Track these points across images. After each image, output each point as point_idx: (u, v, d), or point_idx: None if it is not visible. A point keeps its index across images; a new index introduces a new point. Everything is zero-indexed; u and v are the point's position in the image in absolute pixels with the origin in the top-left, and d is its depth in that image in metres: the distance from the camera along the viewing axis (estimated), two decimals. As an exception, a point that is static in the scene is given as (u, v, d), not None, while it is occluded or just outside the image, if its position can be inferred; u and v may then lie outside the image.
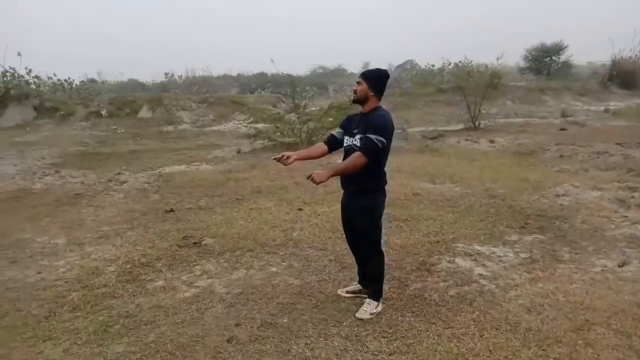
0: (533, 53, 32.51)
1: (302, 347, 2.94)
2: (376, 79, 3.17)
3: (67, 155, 11.85)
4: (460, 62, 27.98)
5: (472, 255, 4.29)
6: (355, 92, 3.20)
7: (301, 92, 20.32)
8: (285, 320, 3.26)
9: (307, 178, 2.98)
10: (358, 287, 3.62)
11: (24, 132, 16.89)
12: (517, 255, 4.26)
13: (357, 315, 3.29)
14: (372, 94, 3.14)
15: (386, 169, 3.31)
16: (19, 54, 19.65)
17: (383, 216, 3.37)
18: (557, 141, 10.89)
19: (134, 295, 3.68)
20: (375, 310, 3.31)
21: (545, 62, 32.67)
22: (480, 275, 3.87)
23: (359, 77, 3.23)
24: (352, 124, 3.24)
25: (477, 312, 3.26)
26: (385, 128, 3.07)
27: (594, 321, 3.04)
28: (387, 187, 3.30)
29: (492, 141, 11.55)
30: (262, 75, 41.43)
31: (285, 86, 18.17)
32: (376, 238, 3.30)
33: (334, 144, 3.34)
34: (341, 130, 3.34)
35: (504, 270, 3.94)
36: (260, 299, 3.59)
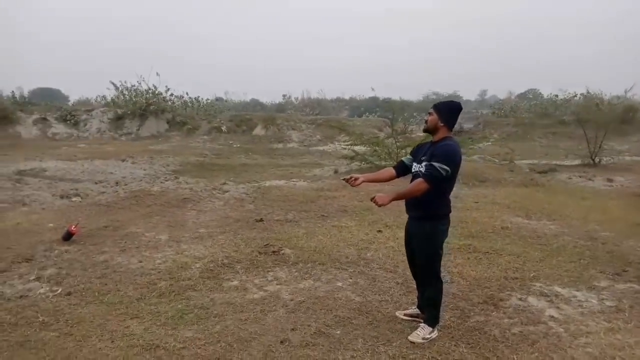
0: (681, 85, 28.66)
1: (348, 358, 3.06)
2: (447, 111, 3.26)
3: (187, 164, 13.29)
4: (588, 92, 25.72)
5: (548, 296, 4.03)
6: (426, 122, 3.32)
7: (408, 118, 20.42)
8: (338, 332, 3.41)
9: (371, 200, 3.15)
10: (417, 311, 3.63)
11: (157, 141, 19.28)
12: (601, 302, 3.90)
13: (409, 337, 3.32)
14: (442, 124, 3.22)
15: (452, 197, 3.33)
16: (157, 74, 22.58)
17: (445, 243, 3.39)
18: (692, 185, 9.57)
19: (210, 291, 4.10)
20: (428, 336, 3.31)
21: (696, 95, 28.53)
22: (551, 317, 3.63)
23: (431, 108, 3.33)
24: (422, 151, 3.35)
25: (537, 354, 3.09)
26: (451, 157, 3.12)
27: (671, 383, 2.72)
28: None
29: (610, 180, 10.49)
30: (373, 99, 42.13)
31: (396, 111, 18.35)
32: (435, 264, 3.33)
33: (402, 169, 3.46)
34: (411, 157, 3.46)
35: (580, 315, 3.65)
36: (320, 309, 3.78)
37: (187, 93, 26.12)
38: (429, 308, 3.41)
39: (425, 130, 3.36)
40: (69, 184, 8.99)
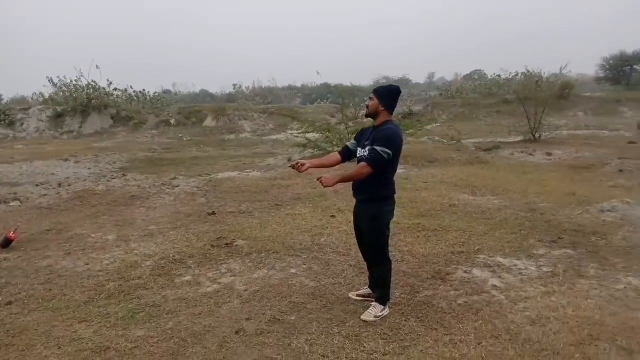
0: (611, 62, 30.53)
1: (302, 342, 3.11)
2: (387, 95, 3.32)
3: (134, 160, 12.85)
4: (527, 71, 26.87)
5: (491, 266, 4.25)
6: (367, 106, 3.37)
7: (358, 103, 20.58)
8: (292, 318, 3.45)
9: (317, 180, 3.23)
10: (368, 290, 3.73)
11: (101, 138, 18.52)
12: (538, 269, 4.16)
13: (362, 317, 3.41)
14: (382, 108, 3.28)
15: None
16: (97, 67, 21.56)
17: (394, 223, 3.49)
18: (621, 155, 10.26)
19: (162, 288, 4.04)
20: (380, 314, 3.41)
21: (624, 71, 30.52)
22: (494, 286, 3.84)
23: (371, 92, 3.38)
24: (365, 136, 3.41)
25: (480, 321, 3.27)
26: (392, 140, 3.19)
27: (599, 337, 2.96)
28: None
29: (548, 154, 11.08)
30: (325, 86, 42.16)
31: (346, 97, 18.47)
32: (383, 245, 3.42)
33: (347, 154, 3.53)
34: (355, 142, 3.52)
35: (520, 282, 3.88)
36: (275, 297, 3.81)
37: (131, 86, 25.13)
38: (379, 287, 3.51)
39: (367, 115, 3.41)
40: (6, 188, 8.49)
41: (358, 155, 3.40)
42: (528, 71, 26.71)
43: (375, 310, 3.43)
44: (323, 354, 2.96)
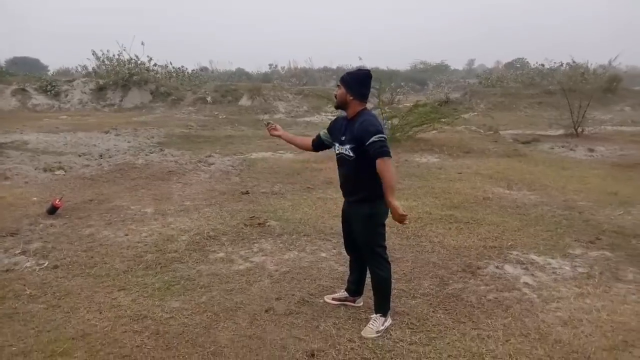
0: (665, 54, 28.87)
1: (330, 325, 3.17)
2: (355, 83, 2.98)
3: (172, 135, 13.13)
4: (573, 62, 25.78)
5: (524, 263, 4.18)
6: (335, 96, 3.06)
7: (395, 88, 20.28)
8: (321, 301, 3.51)
9: (401, 220, 2.89)
10: (344, 294, 3.50)
11: (141, 113, 19.00)
12: (573, 269, 4.07)
13: (362, 333, 3.06)
14: (352, 98, 2.96)
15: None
16: (142, 43, 21.99)
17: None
18: (670, 154, 9.81)
19: (197, 262, 4.18)
20: (382, 327, 3.08)
21: (679, 64, 28.81)
22: (526, 284, 3.79)
23: (339, 81, 3.05)
24: (340, 129, 3.10)
25: (510, 319, 3.24)
26: (380, 127, 2.90)
27: (634, 343, 2.89)
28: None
29: (591, 150, 10.68)
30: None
31: (383, 81, 18.23)
32: (380, 246, 3.11)
33: (318, 145, 3.37)
34: (326, 132, 3.28)
35: (553, 282, 3.82)
36: (304, 279, 3.89)
37: (170, 63, 25.58)
38: (379, 294, 3.17)
39: (336, 107, 3.13)
40: (51, 157, 8.87)
41: (337, 151, 3.10)
42: (574, 62, 25.68)
43: (376, 325, 3.08)
44: (350, 339, 3.02)
